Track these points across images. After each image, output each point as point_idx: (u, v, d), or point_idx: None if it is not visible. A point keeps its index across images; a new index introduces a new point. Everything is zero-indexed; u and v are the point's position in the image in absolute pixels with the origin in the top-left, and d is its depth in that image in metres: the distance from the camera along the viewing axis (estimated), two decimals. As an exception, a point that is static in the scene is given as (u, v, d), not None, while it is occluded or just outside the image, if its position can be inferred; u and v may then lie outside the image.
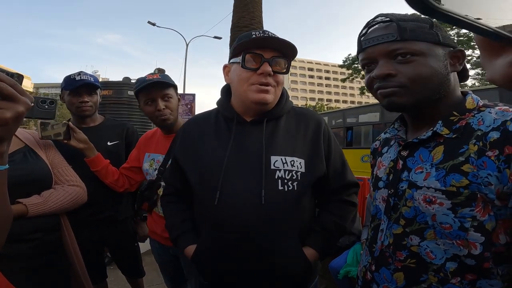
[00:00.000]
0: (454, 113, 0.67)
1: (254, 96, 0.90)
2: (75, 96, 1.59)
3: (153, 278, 2.49)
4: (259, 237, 0.86)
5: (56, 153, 1.25)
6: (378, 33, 0.69)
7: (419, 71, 0.65)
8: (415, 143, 0.70)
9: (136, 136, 1.81)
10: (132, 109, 5.68)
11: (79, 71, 1.61)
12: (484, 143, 0.59)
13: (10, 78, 0.47)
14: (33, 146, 1.18)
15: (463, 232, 0.60)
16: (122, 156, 1.67)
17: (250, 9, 5.01)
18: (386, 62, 0.68)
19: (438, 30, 0.67)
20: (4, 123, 0.46)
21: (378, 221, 0.78)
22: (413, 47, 0.65)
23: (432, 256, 0.64)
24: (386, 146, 0.84)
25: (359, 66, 5.97)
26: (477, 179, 0.59)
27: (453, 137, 0.65)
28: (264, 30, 0.93)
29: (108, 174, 1.54)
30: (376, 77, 0.69)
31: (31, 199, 1.05)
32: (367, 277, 0.78)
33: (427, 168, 0.66)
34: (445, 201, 0.61)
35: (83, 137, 1.45)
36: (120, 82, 5.87)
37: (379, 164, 0.82)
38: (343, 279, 2.01)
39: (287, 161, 0.90)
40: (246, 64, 0.89)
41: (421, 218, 0.66)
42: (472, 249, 0.60)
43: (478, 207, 0.59)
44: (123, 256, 1.80)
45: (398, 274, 0.69)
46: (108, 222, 1.66)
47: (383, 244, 0.73)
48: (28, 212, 1.01)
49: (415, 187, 0.67)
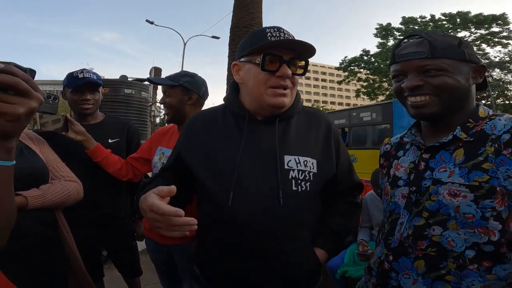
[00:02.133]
0: (470, 120, 0.78)
1: (272, 101, 0.88)
2: (78, 93, 1.58)
3: (149, 278, 2.48)
4: (273, 239, 0.84)
5: (49, 150, 1.26)
6: (411, 49, 0.79)
7: (445, 82, 0.76)
8: (437, 146, 0.80)
9: (137, 134, 1.81)
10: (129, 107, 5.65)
11: (81, 69, 1.61)
12: (499, 144, 0.71)
13: (24, 74, 0.46)
14: (27, 142, 1.18)
15: (484, 221, 0.70)
16: (122, 154, 1.67)
17: (250, 10, 5.01)
18: (416, 76, 0.78)
19: (465, 48, 0.77)
20: (17, 119, 0.46)
21: (396, 215, 0.84)
22: (442, 64, 0.76)
23: (453, 245, 0.72)
24: (401, 149, 0.93)
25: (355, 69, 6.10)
26: (496, 174, 0.69)
27: (471, 140, 0.75)
28: (279, 28, 0.90)
29: (109, 164, 1.54)
30: (407, 88, 0.80)
31: (31, 191, 1.05)
32: (384, 267, 0.83)
33: (451, 167, 0.76)
34: (468, 194, 0.71)
35: (80, 129, 1.46)
36: (117, 80, 5.84)
37: (396, 166, 0.91)
38: (340, 278, 2.03)
39: (301, 161, 0.88)
40: (265, 66, 0.86)
41: (445, 210, 0.74)
42: (492, 236, 0.69)
43: (497, 199, 0.69)
44: (121, 255, 1.80)
45: (419, 262, 0.76)
46: (106, 220, 1.65)
47: (402, 236, 0.80)
48: (28, 204, 1.01)
49: (440, 183, 0.76)
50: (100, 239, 1.68)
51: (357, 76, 21.35)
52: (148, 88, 6.63)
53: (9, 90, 0.45)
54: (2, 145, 0.48)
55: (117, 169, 1.56)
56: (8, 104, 0.45)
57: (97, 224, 1.62)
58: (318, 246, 0.93)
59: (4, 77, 0.44)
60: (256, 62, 0.88)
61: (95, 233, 1.62)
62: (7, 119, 0.45)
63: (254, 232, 0.84)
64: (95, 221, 1.61)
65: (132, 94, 5.71)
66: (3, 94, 0.45)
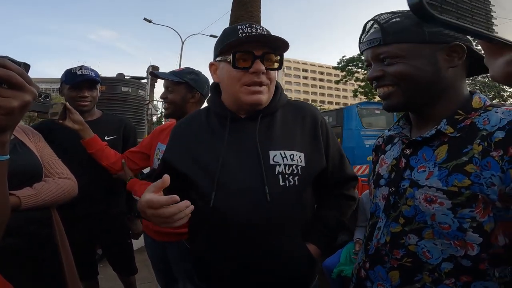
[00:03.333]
0: (460, 112, 0.66)
1: (247, 99, 0.87)
2: (75, 90, 1.57)
3: (144, 276, 2.47)
4: (263, 236, 0.83)
5: (45, 145, 1.24)
6: (367, 37, 0.73)
7: (401, 70, 0.67)
8: (419, 141, 0.70)
9: (133, 132, 1.81)
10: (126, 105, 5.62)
11: (80, 66, 1.60)
12: (489, 143, 0.59)
13: (18, 67, 0.46)
14: (22, 138, 1.16)
15: (461, 233, 0.60)
16: (119, 151, 1.65)
17: (248, 8, 5.00)
18: (376, 66, 0.72)
19: (426, 27, 0.66)
20: (10, 112, 0.46)
21: (376, 218, 0.77)
22: (395, 51, 0.68)
23: (428, 256, 0.64)
24: (389, 144, 0.84)
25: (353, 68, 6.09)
26: (479, 180, 0.58)
27: (457, 136, 0.64)
28: (251, 23, 0.87)
29: (103, 156, 1.52)
30: (368, 80, 0.75)
31: (24, 191, 1.03)
32: (361, 275, 0.78)
33: (430, 167, 0.66)
34: (446, 201, 0.61)
35: (78, 118, 1.45)
36: (114, 78, 5.80)
37: (381, 162, 0.82)
38: (337, 278, 2.03)
39: (287, 155, 0.86)
40: (237, 63, 0.84)
41: (420, 217, 0.66)
42: (469, 250, 0.60)
43: (479, 208, 0.59)
44: (116, 253, 1.78)
45: (393, 272, 0.69)
46: (101, 217, 1.64)
47: (379, 242, 0.73)
48: (21, 204, 1.00)
49: (417, 186, 0.67)
50: (94, 235, 1.67)
51: (355, 76, 21.41)
52: (145, 87, 6.60)
53: (3, 83, 0.45)
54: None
55: (111, 162, 1.54)
56: (2, 98, 0.45)
57: (91, 220, 1.61)
58: (311, 242, 0.91)
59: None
60: (228, 61, 0.86)
61: (89, 229, 1.62)
62: (1, 113, 0.45)
63: (242, 231, 0.83)
64: (90, 217, 1.60)
65: (129, 92, 5.68)
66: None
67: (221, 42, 0.89)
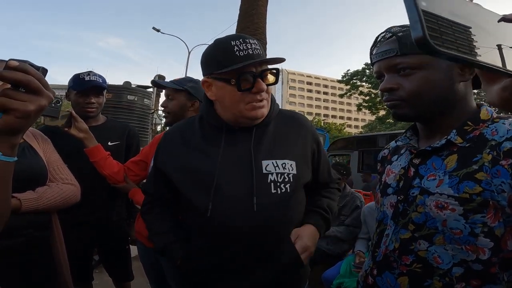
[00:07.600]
0: (468, 123, 0.69)
1: (251, 114, 0.89)
2: (82, 96, 1.59)
3: (140, 283, 2.44)
4: (253, 245, 0.85)
5: (53, 150, 1.26)
6: (382, 48, 0.74)
7: (417, 85, 0.69)
8: (428, 151, 0.72)
9: (137, 138, 1.82)
10: (131, 113, 5.68)
11: (88, 71, 1.61)
12: (498, 153, 0.62)
13: (37, 72, 0.48)
14: (31, 142, 1.18)
15: (473, 238, 0.62)
16: (121, 157, 1.66)
17: (254, 20, 5.10)
18: (390, 77, 0.72)
19: None
20: (26, 116, 0.47)
21: (384, 226, 0.79)
22: (412, 61, 0.69)
23: (439, 261, 0.66)
24: (396, 154, 0.87)
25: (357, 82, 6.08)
26: (490, 186, 0.61)
27: (467, 146, 0.67)
28: (244, 39, 0.87)
29: (106, 166, 1.51)
30: (381, 91, 0.75)
31: (26, 194, 1.04)
32: (368, 282, 0.78)
33: (440, 175, 0.68)
34: (457, 207, 0.63)
35: (83, 126, 1.45)
36: (120, 86, 5.86)
37: (388, 172, 0.84)
38: (336, 290, 2.00)
39: (279, 164, 0.90)
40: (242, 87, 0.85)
41: (431, 223, 0.67)
42: (480, 254, 0.62)
43: (490, 213, 0.61)
44: (113, 258, 1.77)
45: (402, 278, 0.70)
46: (101, 223, 1.64)
47: (387, 248, 0.74)
48: (22, 207, 1.01)
49: (427, 193, 0.68)
50: (92, 241, 1.67)
51: (359, 89, 21.48)
52: (150, 96, 6.68)
53: (21, 87, 0.46)
54: (8, 140, 0.48)
55: (113, 172, 1.53)
56: (20, 101, 0.46)
57: (91, 227, 1.61)
58: (308, 222, 0.95)
59: (18, 74, 0.45)
60: (231, 84, 0.86)
61: (88, 235, 1.61)
62: (17, 116, 0.46)
63: (235, 238, 0.85)
64: (89, 223, 1.60)
65: (135, 100, 5.76)
66: (15, 92, 0.46)
67: (216, 61, 0.88)
